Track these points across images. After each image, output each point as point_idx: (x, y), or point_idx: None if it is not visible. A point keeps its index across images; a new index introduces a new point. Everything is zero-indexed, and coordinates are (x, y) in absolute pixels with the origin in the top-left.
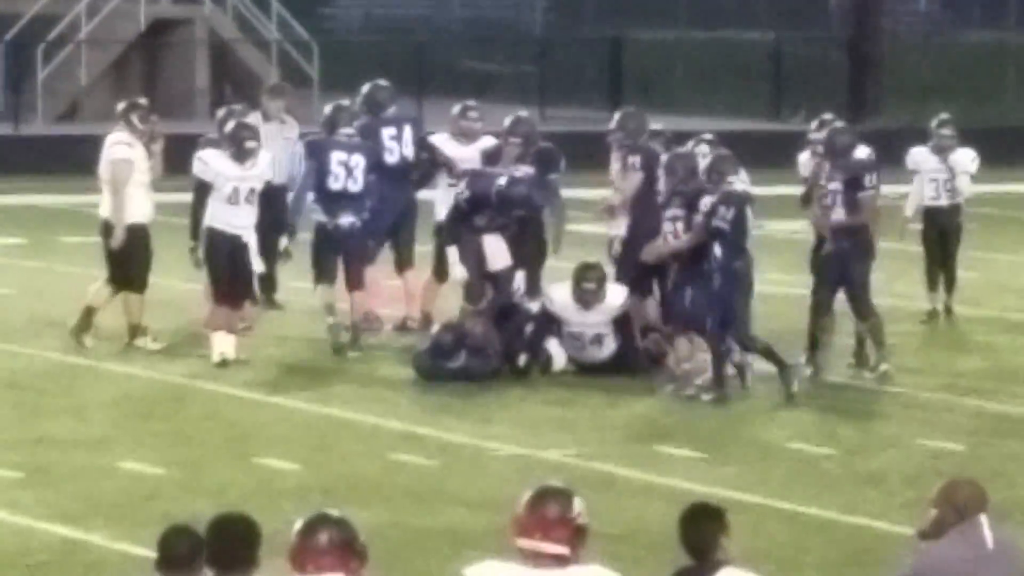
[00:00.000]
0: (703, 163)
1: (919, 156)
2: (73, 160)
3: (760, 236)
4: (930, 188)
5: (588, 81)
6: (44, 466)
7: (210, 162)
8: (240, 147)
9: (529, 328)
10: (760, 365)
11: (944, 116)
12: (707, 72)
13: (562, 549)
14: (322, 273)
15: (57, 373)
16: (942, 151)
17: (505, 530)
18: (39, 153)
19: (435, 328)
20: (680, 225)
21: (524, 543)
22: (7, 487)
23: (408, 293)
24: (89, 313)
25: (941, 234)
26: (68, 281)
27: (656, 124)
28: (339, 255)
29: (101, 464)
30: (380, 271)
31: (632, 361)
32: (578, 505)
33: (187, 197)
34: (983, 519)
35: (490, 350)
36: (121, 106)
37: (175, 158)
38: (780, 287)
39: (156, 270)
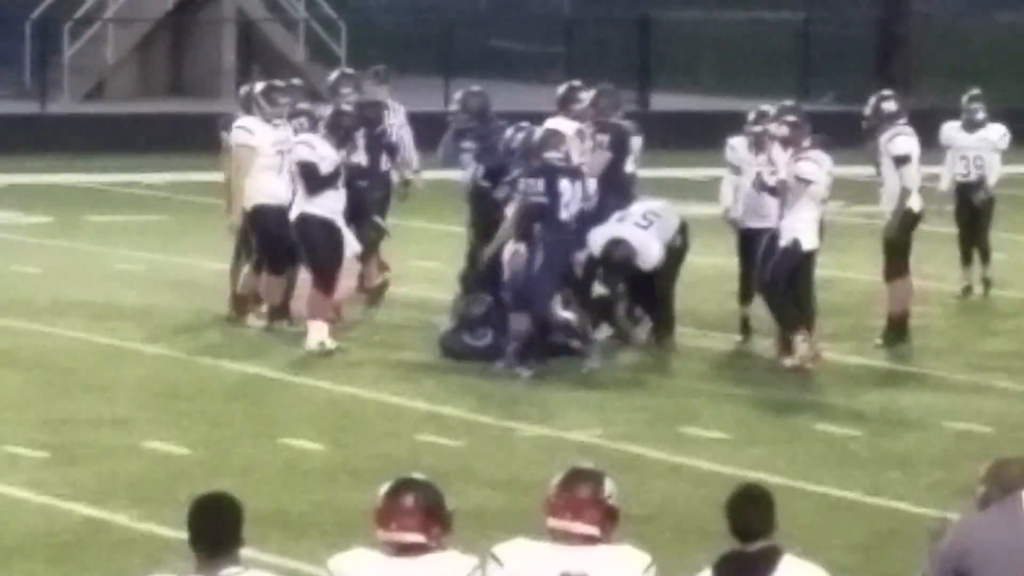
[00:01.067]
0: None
1: (951, 132)
2: (100, 139)
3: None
4: (960, 165)
5: (616, 61)
6: (69, 446)
7: (317, 147)
8: (346, 133)
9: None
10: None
11: (975, 92)
12: (735, 52)
13: (592, 530)
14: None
15: (83, 353)
16: (973, 126)
17: (537, 510)
18: (66, 132)
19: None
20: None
21: (555, 523)
22: (32, 467)
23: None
24: (242, 301)
25: (973, 210)
26: (94, 260)
27: (683, 104)
28: None
29: (126, 444)
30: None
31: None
32: (609, 487)
33: (207, 176)
34: None
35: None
36: (246, 90)
37: (202, 136)
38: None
39: (188, 251)
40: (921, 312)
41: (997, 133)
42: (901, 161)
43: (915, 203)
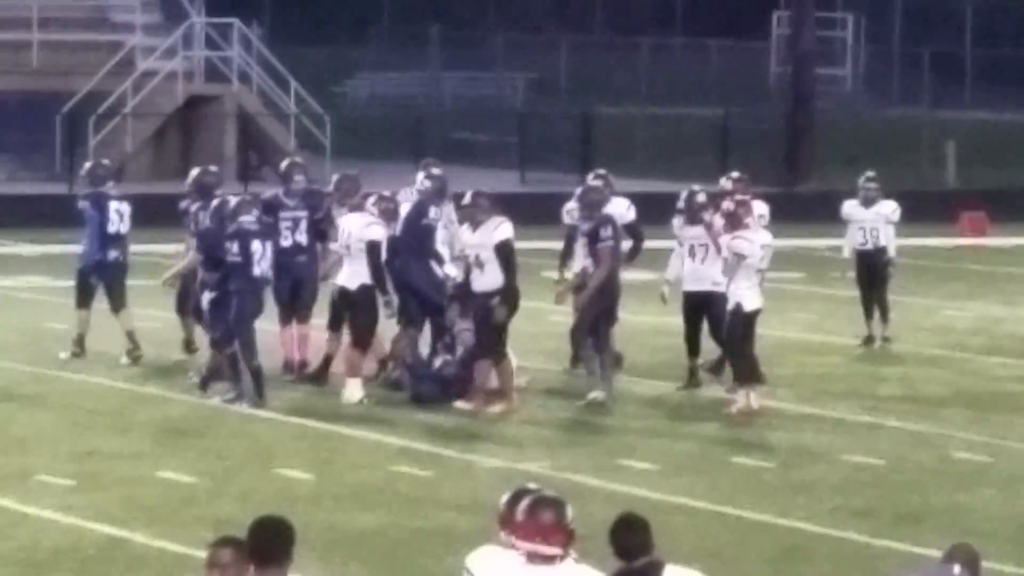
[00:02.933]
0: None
1: (850, 208)
2: None
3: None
4: (859, 235)
5: (562, 150)
6: (93, 475)
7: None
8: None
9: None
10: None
11: (870, 173)
12: (664, 142)
13: (557, 551)
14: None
15: (105, 396)
16: (869, 202)
17: (492, 527)
18: None
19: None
20: None
21: (523, 545)
22: (61, 493)
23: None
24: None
25: (871, 273)
26: (114, 319)
27: (621, 186)
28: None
29: (142, 473)
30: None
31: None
32: (570, 512)
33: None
34: (957, 569)
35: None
36: (364, 196)
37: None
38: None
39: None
40: (824, 362)
41: (889, 208)
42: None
43: None
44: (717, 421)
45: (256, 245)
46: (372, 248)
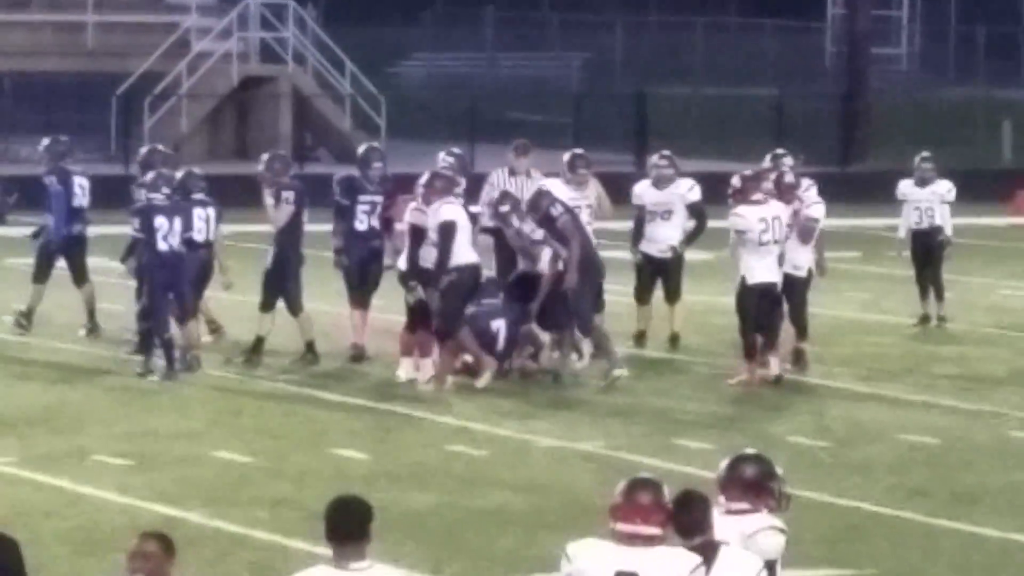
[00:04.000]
0: None
1: (905, 187)
2: None
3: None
4: (914, 215)
5: (617, 130)
6: (150, 455)
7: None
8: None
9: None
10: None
11: (925, 153)
12: (719, 123)
13: (655, 530)
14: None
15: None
16: (924, 182)
17: (551, 509)
18: None
19: None
20: None
21: (623, 527)
22: (118, 472)
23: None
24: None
25: (926, 252)
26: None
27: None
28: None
29: (198, 453)
30: None
31: None
32: (667, 492)
33: (264, 228)
34: None
35: None
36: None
37: (249, 195)
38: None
39: (249, 291)
40: (879, 341)
41: (945, 187)
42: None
43: None
44: (773, 400)
45: (160, 220)
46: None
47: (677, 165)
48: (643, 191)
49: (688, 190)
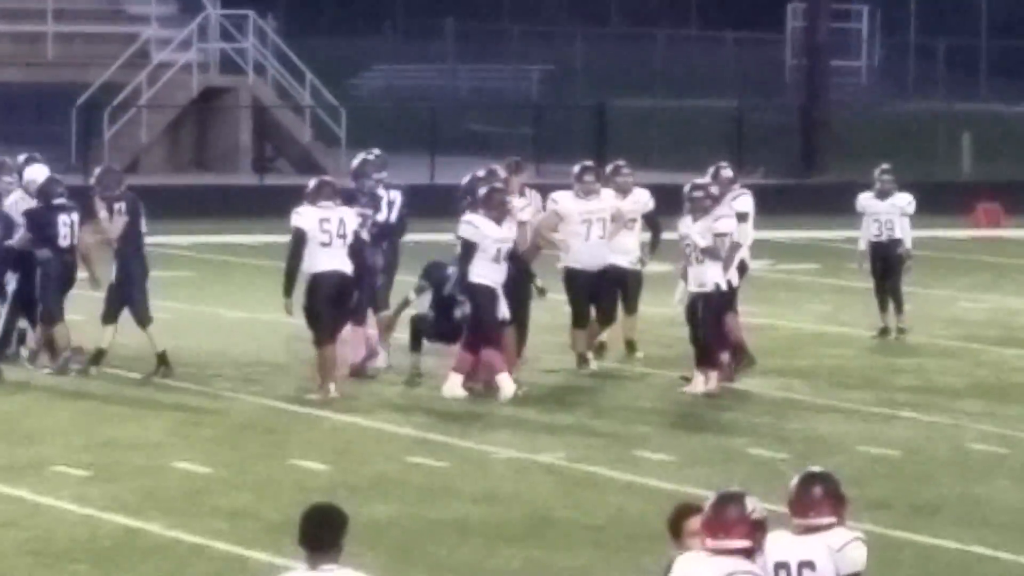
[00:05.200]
0: None
1: (865, 200)
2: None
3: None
4: (874, 227)
5: (577, 141)
6: (109, 465)
7: (480, 226)
8: (501, 209)
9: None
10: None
11: (885, 166)
12: (680, 134)
13: (744, 543)
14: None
15: (121, 387)
16: (884, 195)
17: (511, 521)
18: None
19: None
20: None
21: (711, 543)
22: (77, 483)
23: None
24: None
25: (885, 265)
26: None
27: (635, 179)
28: None
29: (158, 464)
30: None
31: None
32: (751, 503)
33: (224, 239)
34: None
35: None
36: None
37: (221, 205)
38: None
39: (209, 301)
40: (839, 353)
41: (904, 200)
42: (742, 218)
43: (745, 255)
44: (733, 412)
45: (63, 219)
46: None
47: (632, 175)
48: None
49: (647, 200)
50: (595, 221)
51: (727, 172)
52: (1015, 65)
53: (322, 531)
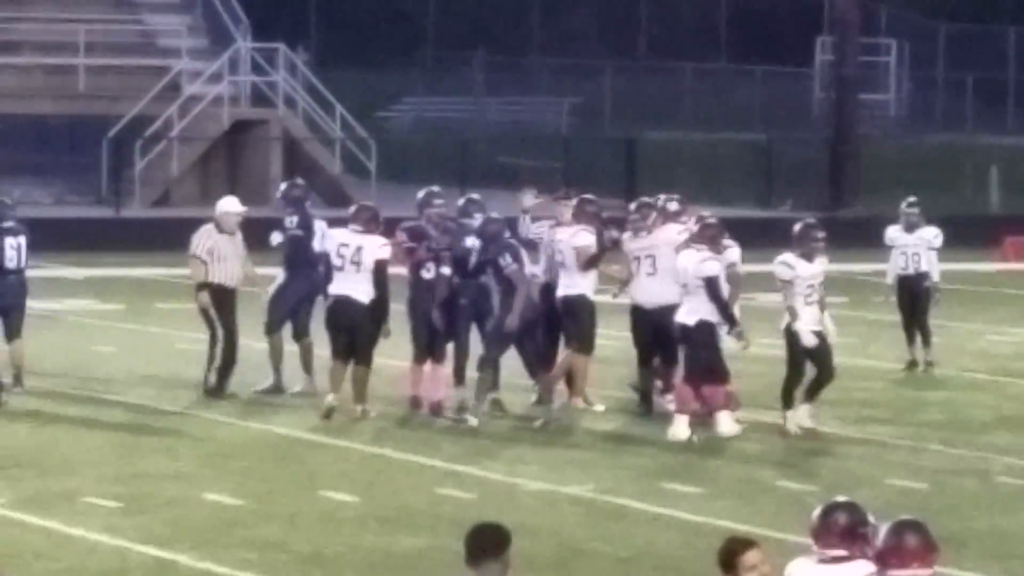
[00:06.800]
0: None
1: (893, 233)
2: (165, 239)
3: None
4: (901, 260)
5: (607, 174)
6: (139, 496)
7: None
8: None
9: None
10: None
11: (912, 199)
12: (709, 167)
13: (929, 571)
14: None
15: (151, 418)
16: (911, 227)
17: (538, 553)
18: (136, 232)
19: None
20: None
21: (897, 572)
22: (108, 514)
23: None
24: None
25: (913, 298)
26: (160, 341)
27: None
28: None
29: (188, 495)
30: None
31: None
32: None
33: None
34: None
35: None
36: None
37: (252, 236)
38: (767, 349)
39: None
40: (867, 386)
41: (931, 233)
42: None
43: None
44: (761, 444)
45: (9, 241)
46: (710, 283)
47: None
48: None
49: (677, 234)
50: (643, 258)
51: (672, 204)
52: None
53: (482, 546)
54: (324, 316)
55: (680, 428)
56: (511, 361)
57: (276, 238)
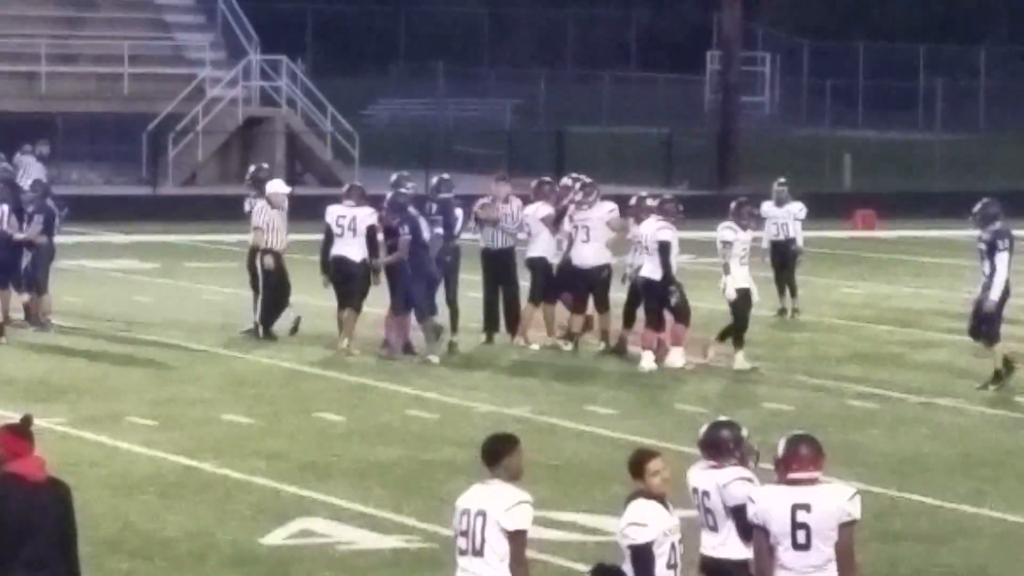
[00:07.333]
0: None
1: (766, 207)
2: (193, 211)
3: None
4: (773, 229)
5: (542, 161)
6: (172, 416)
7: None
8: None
9: None
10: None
11: (782, 179)
12: (622, 155)
13: (816, 474)
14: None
15: (181, 355)
16: (781, 202)
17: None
18: (169, 206)
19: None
20: None
21: (793, 475)
22: (147, 431)
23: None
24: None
25: (783, 259)
26: (189, 293)
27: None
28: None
29: (210, 416)
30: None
31: None
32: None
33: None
34: None
35: None
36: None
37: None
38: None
39: (249, 286)
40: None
41: (797, 207)
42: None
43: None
44: (664, 375)
45: None
46: (662, 247)
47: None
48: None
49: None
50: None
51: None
52: (885, 101)
53: (488, 451)
54: (330, 273)
55: (647, 361)
56: (469, 310)
57: (248, 205)
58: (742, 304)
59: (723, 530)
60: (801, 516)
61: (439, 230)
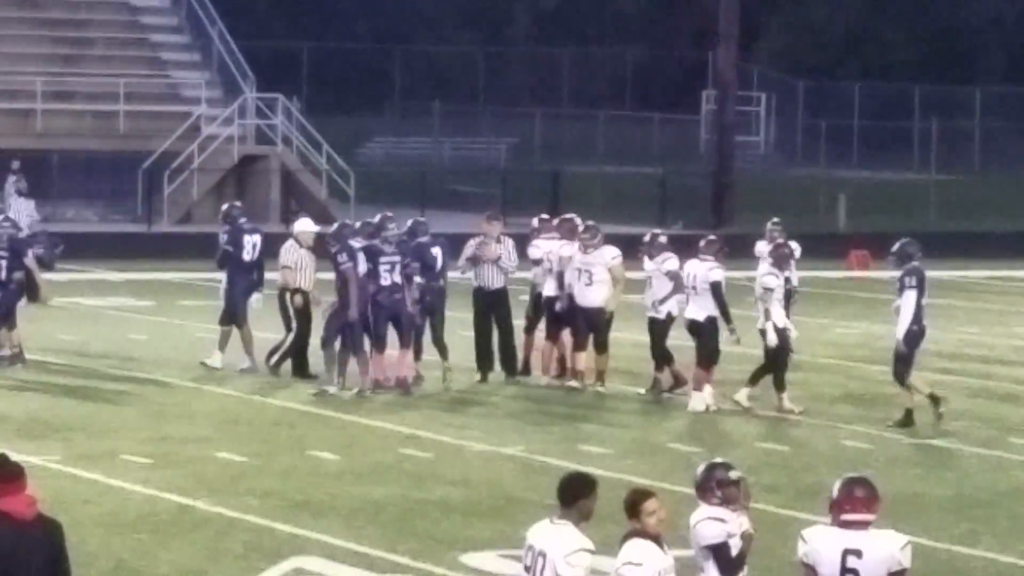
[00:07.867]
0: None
1: (760, 247)
2: (187, 249)
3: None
4: (765, 268)
5: (537, 200)
6: (166, 454)
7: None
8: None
9: None
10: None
11: (775, 220)
12: (617, 194)
13: (872, 517)
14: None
15: (175, 392)
16: (774, 241)
17: (481, 501)
18: (164, 244)
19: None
20: None
21: (847, 516)
22: (141, 469)
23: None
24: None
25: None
26: (183, 331)
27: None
28: None
29: (204, 454)
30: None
31: None
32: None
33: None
34: None
35: None
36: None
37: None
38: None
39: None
40: (740, 368)
41: (791, 247)
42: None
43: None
44: (658, 415)
45: None
46: (715, 287)
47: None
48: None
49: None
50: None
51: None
52: (880, 141)
53: (565, 491)
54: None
55: (697, 402)
56: (464, 350)
57: (223, 238)
58: (781, 346)
59: (707, 569)
60: (851, 562)
61: (418, 278)
